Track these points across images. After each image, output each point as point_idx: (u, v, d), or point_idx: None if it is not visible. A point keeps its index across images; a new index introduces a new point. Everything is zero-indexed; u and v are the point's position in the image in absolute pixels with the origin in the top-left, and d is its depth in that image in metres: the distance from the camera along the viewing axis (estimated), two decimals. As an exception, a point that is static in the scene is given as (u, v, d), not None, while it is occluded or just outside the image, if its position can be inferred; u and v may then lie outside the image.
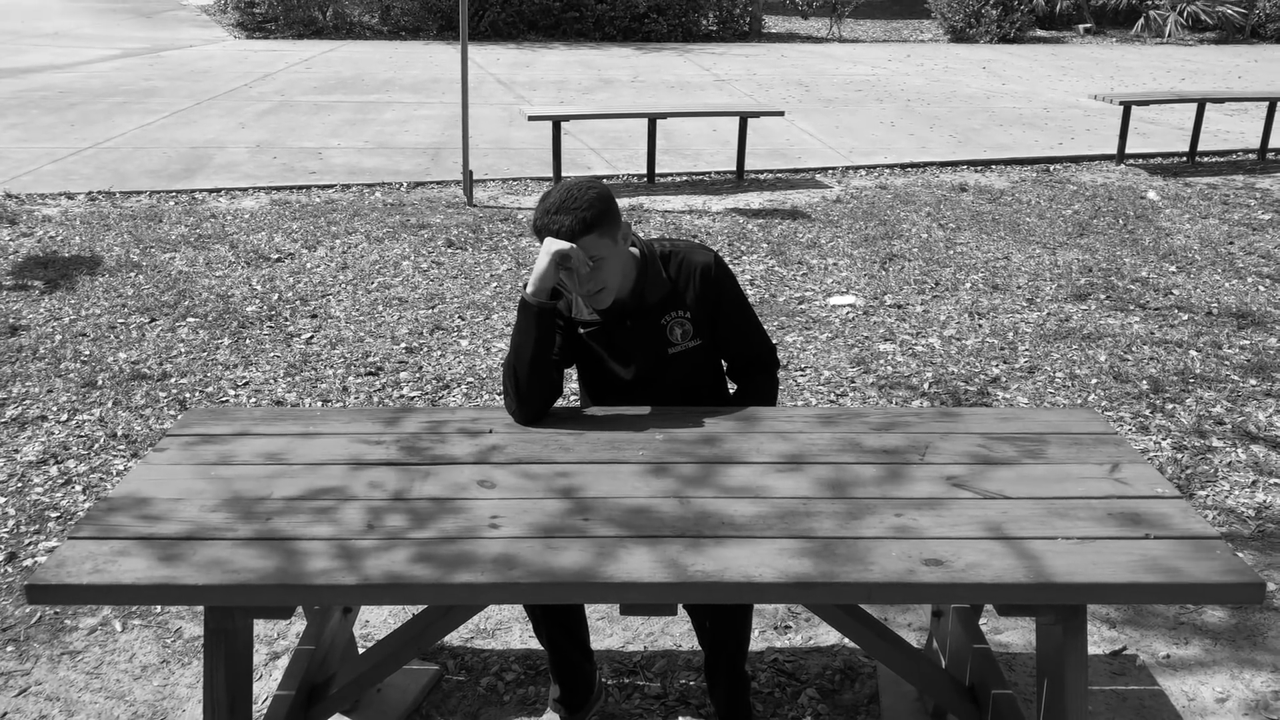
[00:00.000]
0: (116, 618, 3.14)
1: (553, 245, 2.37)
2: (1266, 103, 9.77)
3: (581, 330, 2.58)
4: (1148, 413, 4.52)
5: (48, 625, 3.10)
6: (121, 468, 3.96)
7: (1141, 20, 20.36)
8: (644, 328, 2.57)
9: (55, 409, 4.41)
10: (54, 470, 3.93)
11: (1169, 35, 19.98)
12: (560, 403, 3.49)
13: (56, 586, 1.90)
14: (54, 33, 17.35)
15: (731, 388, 2.84)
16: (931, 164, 9.32)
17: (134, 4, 22.00)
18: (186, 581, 1.90)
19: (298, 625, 3.12)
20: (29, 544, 3.47)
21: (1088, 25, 21.16)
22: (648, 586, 1.92)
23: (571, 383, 4.57)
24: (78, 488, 3.81)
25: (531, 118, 8.06)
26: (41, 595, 1.90)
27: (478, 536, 2.05)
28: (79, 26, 18.34)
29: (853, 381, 4.79)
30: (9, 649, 3.00)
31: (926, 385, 4.75)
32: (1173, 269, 6.45)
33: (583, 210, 2.38)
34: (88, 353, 4.96)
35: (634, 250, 2.56)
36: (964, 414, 2.64)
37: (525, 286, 2.44)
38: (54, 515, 3.63)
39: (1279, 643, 3.10)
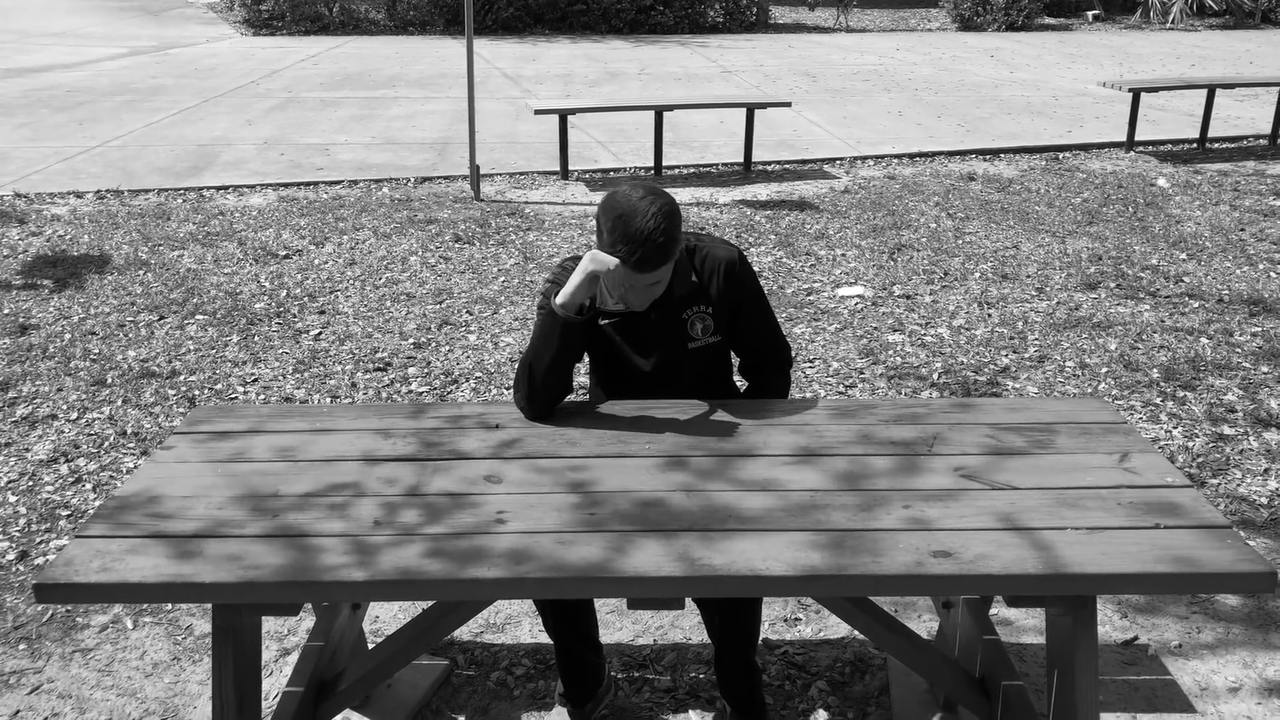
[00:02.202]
0: (128, 615, 3.15)
1: (591, 264, 2.33)
2: (1277, 88, 9.70)
3: (603, 321, 2.57)
4: (1159, 401, 4.50)
5: (59, 623, 3.11)
6: (131, 465, 3.97)
7: (1141, 9, 20.24)
8: (666, 320, 2.56)
9: (65, 407, 4.42)
10: (64, 469, 3.94)
11: (1172, 21, 19.86)
12: (569, 397, 3.49)
13: (64, 585, 1.90)
14: (61, 32, 17.39)
15: (741, 384, 2.83)
16: (940, 153, 9.28)
17: (141, 2, 22.04)
18: (193, 579, 1.90)
19: (308, 621, 3.13)
20: (40, 542, 3.48)
21: (1096, 12, 21.05)
22: (655, 581, 1.92)
23: (581, 376, 4.56)
24: (88, 486, 3.82)
25: (538, 111, 8.05)
26: (49, 594, 1.91)
27: (486, 532, 2.05)
28: (86, 25, 18.37)
29: (861, 373, 4.78)
30: (21, 647, 3.01)
31: (936, 376, 4.73)
32: (1183, 256, 6.42)
33: (673, 238, 2.31)
34: (97, 351, 4.98)
35: None
36: (972, 405, 2.62)
37: (555, 295, 2.41)
38: (65, 513, 3.64)
39: (1292, 631, 3.08)
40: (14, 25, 18.15)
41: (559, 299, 2.40)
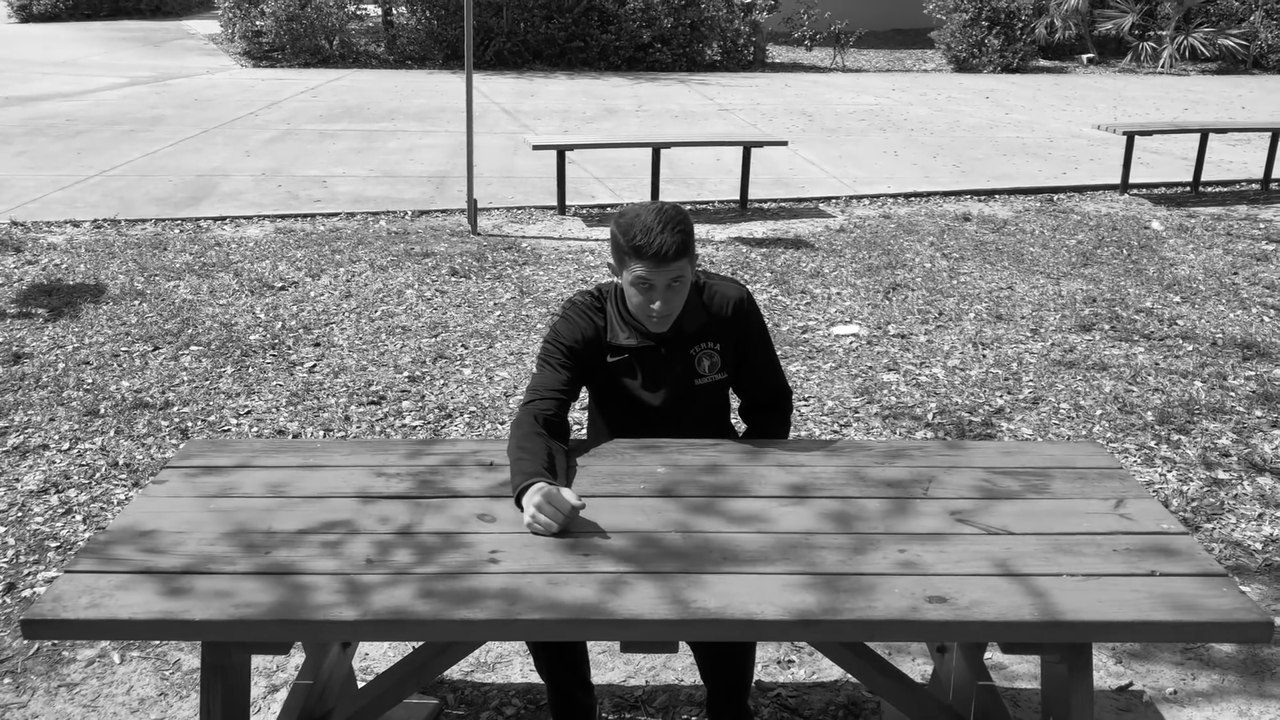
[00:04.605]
0: (115, 649, 3.12)
1: (530, 512, 2.18)
2: (1269, 133, 9.79)
3: (610, 359, 2.58)
4: (1153, 444, 4.50)
5: (45, 657, 3.08)
6: (123, 497, 3.94)
7: (1132, 53, 20.42)
8: (675, 356, 2.57)
9: (57, 438, 4.40)
10: (54, 499, 3.92)
11: (1163, 66, 20.06)
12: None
13: (53, 621, 1.89)
14: (63, 61, 17.48)
15: (740, 426, 2.83)
16: (935, 193, 9.33)
17: (142, 33, 22.17)
18: (183, 617, 1.89)
19: (297, 658, 3.10)
20: (28, 574, 3.45)
21: (1090, 55, 21.25)
22: (649, 624, 1.90)
23: (575, 412, 4.55)
24: (78, 517, 3.80)
25: (536, 147, 8.09)
26: (37, 630, 1.89)
27: (478, 572, 2.04)
28: (87, 55, 18.47)
29: (856, 412, 4.77)
30: (6, 681, 2.98)
31: (930, 416, 4.73)
32: (1177, 299, 6.44)
33: (686, 233, 2.40)
34: (90, 381, 4.96)
35: None
36: (968, 447, 2.62)
37: (513, 489, 2.28)
38: (54, 545, 3.62)
39: (1287, 679, 3.06)
40: (15, 54, 18.24)
41: (514, 489, 2.26)
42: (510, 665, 3.09)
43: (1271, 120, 12.92)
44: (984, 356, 5.46)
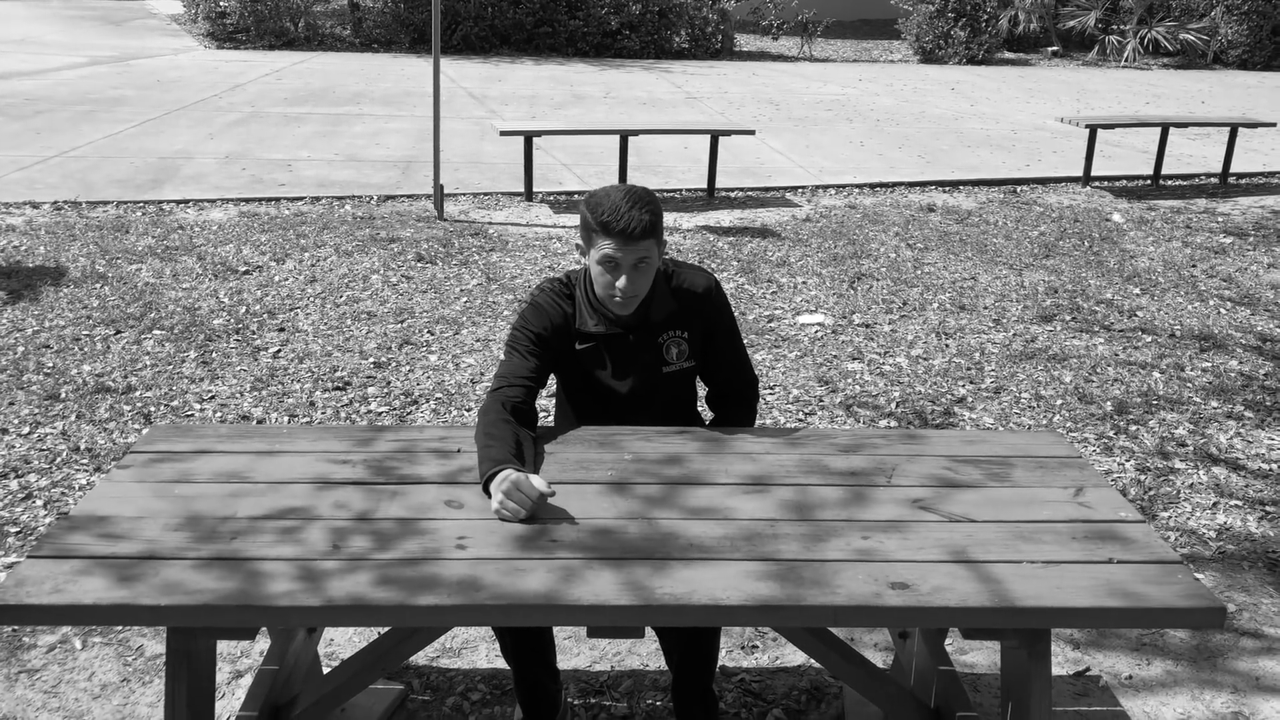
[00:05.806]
0: (76, 635, 3.10)
1: (497, 498, 2.19)
2: (1228, 128, 9.93)
3: (579, 346, 2.58)
4: (1111, 434, 4.57)
5: (5, 643, 3.06)
6: (84, 482, 3.91)
7: (1098, 47, 20.64)
8: (643, 344, 2.58)
9: (17, 422, 4.35)
10: (14, 484, 3.87)
11: (1126, 60, 20.27)
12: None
13: (15, 607, 1.87)
14: (20, 39, 17.18)
15: (706, 415, 2.85)
16: (900, 184, 9.40)
17: (103, 12, 21.83)
18: (148, 602, 1.88)
19: (262, 643, 3.09)
20: (-13, 560, 3.41)
21: (1055, 48, 21.43)
22: (615, 609, 1.92)
23: (543, 400, 4.56)
24: (39, 502, 3.76)
25: (503, 133, 8.06)
26: None
27: (444, 558, 2.04)
28: (46, 33, 18.16)
29: (820, 400, 4.81)
30: (-35, 667, 2.95)
31: (893, 405, 4.78)
32: (1137, 291, 6.54)
33: (655, 214, 2.41)
34: (51, 365, 4.90)
35: None
36: (929, 436, 2.66)
37: (480, 475, 2.28)
38: (14, 530, 3.58)
39: (1239, 664, 3.13)
40: (-28, 31, 17.90)
41: (482, 475, 2.26)
42: (476, 651, 3.10)
43: (1230, 115, 13.10)
44: (947, 346, 5.52)
